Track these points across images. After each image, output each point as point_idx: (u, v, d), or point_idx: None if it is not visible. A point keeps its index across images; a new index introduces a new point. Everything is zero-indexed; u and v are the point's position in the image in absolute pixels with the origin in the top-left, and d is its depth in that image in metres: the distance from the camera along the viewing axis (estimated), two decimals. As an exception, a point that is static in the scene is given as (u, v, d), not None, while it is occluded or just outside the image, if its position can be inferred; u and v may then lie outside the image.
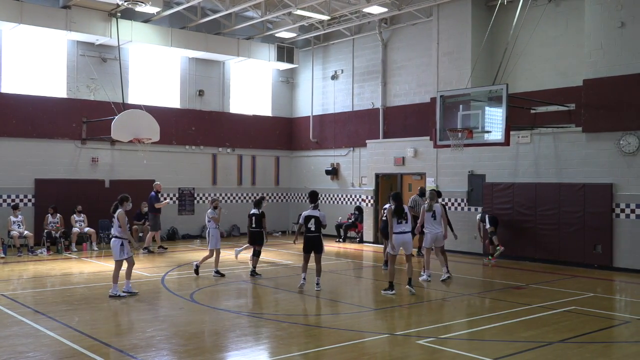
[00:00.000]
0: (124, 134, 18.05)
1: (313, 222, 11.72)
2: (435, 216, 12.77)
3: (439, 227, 12.80)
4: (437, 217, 12.79)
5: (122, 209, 11.12)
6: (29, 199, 18.94)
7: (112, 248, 11.25)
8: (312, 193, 12.16)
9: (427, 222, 12.79)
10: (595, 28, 15.24)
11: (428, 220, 12.78)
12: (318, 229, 11.77)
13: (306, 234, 11.80)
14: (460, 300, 11.52)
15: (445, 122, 15.40)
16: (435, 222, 12.77)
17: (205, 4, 20.57)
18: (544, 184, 16.15)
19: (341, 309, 10.73)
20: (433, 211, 12.75)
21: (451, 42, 18.68)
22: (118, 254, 11.13)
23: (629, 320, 9.81)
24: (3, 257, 16.32)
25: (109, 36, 19.29)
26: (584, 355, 7.65)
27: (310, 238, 11.79)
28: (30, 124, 18.94)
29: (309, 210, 11.90)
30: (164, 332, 8.73)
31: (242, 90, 24.09)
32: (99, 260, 16.42)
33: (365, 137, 21.85)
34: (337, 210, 22.97)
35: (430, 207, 12.76)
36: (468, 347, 8.10)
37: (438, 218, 12.80)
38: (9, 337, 8.26)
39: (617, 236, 14.86)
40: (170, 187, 21.70)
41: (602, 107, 15.05)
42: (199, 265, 13.65)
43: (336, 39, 23.36)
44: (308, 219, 11.79)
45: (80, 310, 10.02)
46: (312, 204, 11.96)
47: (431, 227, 12.79)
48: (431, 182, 18.83)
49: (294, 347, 7.98)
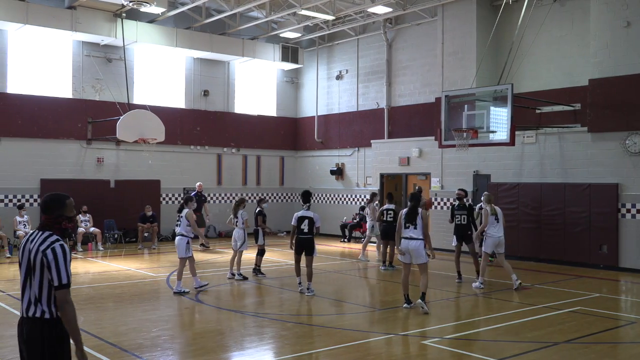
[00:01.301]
0: (129, 134, 18.10)
1: (306, 224, 11.35)
2: (498, 219, 12.07)
3: (501, 231, 12.11)
4: (500, 220, 12.11)
5: (188, 209, 11.57)
6: (34, 199, 19.00)
7: (178, 246, 11.54)
8: (305, 193, 11.77)
9: (489, 226, 12.05)
10: (601, 27, 15.20)
11: (491, 223, 12.02)
12: (311, 230, 11.38)
13: (299, 235, 11.40)
14: (465, 300, 11.51)
15: (450, 122, 15.38)
16: (497, 225, 12.05)
17: (210, 4, 20.60)
18: (549, 184, 16.10)
19: (346, 309, 10.72)
20: (495, 214, 12.07)
21: (456, 42, 18.66)
22: (184, 252, 11.47)
23: (634, 320, 9.77)
24: (9, 257, 16.39)
25: (114, 36, 19.34)
26: (590, 355, 7.63)
27: (303, 240, 11.38)
28: (36, 124, 19.00)
29: (302, 211, 11.54)
30: (169, 332, 8.75)
31: (247, 90, 24.12)
32: (104, 260, 16.47)
33: (370, 137, 21.84)
34: (342, 210, 22.98)
35: (494, 209, 12.09)
36: (473, 347, 8.09)
37: (501, 221, 12.12)
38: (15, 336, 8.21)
39: (623, 236, 14.81)
40: (176, 187, 21.75)
41: (607, 107, 15.00)
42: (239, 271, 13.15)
43: (341, 39, 23.36)
44: (301, 219, 11.41)
45: (86, 310, 10.04)
46: (305, 204, 11.62)
47: (493, 230, 12.04)
48: (436, 182, 18.82)
49: (299, 347, 7.98)
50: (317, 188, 24.22)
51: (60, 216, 4.38)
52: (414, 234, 9.89)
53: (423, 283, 10.01)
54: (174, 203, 21.57)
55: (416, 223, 9.89)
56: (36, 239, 4.28)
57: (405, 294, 10.19)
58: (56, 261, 4.14)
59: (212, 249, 18.62)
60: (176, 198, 21.65)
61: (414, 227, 9.89)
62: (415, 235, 9.88)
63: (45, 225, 4.33)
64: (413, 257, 9.97)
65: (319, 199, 24.12)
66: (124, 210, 19.76)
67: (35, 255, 4.20)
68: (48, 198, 4.45)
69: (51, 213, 4.36)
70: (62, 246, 4.21)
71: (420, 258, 9.94)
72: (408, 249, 9.94)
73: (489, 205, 12.13)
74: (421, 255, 9.91)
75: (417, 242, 9.89)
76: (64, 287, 4.14)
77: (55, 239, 4.25)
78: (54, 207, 4.38)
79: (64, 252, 4.18)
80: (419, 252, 9.89)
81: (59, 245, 4.20)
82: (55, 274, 4.13)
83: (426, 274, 10.06)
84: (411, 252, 9.93)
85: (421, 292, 9.96)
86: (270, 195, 23.90)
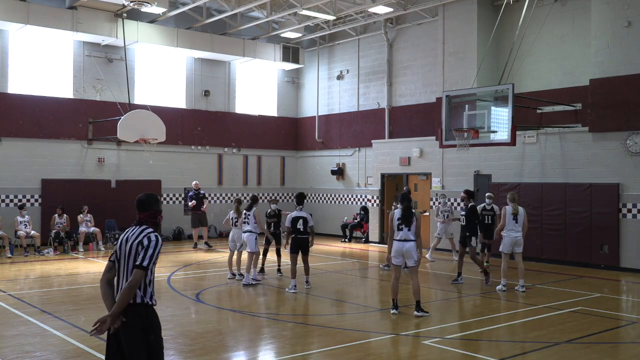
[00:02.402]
0: (130, 134, 18.10)
1: (301, 223, 11.81)
2: (517, 219, 11.94)
3: (518, 231, 11.97)
4: (520, 220, 11.96)
5: (256, 207, 12.58)
6: (35, 199, 19.00)
7: (248, 242, 12.43)
8: (299, 195, 12.40)
9: (507, 225, 11.93)
10: (602, 27, 15.19)
11: (509, 222, 11.91)
12: (306, 230, 11.85)
13: (296, 235, 11.84)
14: (466, 300, 11.50)
15: (451, 122, 15.37)
16: (516, 225, 11.93)
17: (211, 4, 20.61)
18: (550, 184, 16.09)
19: (347, 309, 10.72)
20: (516, 213, 11.91)
21: (457, 42, 18.65)
22: (254, 247, 12.40)
23: (635, 320, 9.76)
24: (10, 257, 16.39)
25: (115, 37, 19.34)
26: (591, 355, 7.62)
27: (299, 239, 11.84)
28: (37, 125, 19.01)
29: (296, 212, 11.99)
30: (170, 332, 8.74)
31: (248, 90, 24.12)
32: (105, 260, 16.46)
33: (371, 137, 21.84)
34: (342, 211, 22.98)
35: (516, 208, 11.98)
36: (474, 347, 8.09)
37: (520, 221, 11.96)
38: (16, 336, 8.29)
39: (624, 236, 14.80)
40: (176, 187, 21.76)
41: (608, 106, 14.99)
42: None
43: (342, 39, 23.35)
44: (296, 220, 11.85)
45: (87, 310, 10.05)
46: (299, 205, 12.13)
47: (511, 230, 11.93)
48: (437, 182, 18.82)
49: (299, 347, 7.98)
50: (318, 188, 24.22)
51: (156, 211, 4.93)
52: (410, 236, 9.69)
53: (415, 289, 9.81)
54: (174, 203, 21.60)
55: (411, 225, 9.71)
56: (134, 233, 4.80)
57: (394, 298, 9.93)
58: (149, 246, 4.67)
59: (214, 249, 18.63)
60: (177, 198, 21.68)
61: (408, 229, 9.68)
62: (411, 237, 9.70)
63: (143, 221, 4.87)
64: (406, 258, 9.76)
65: (320, 199, 24.12)
66: (125, 210, 19.73)
67: (132, 245, 4.71)
68: (144, 197, 4.96)
69: (148, 210, 4.89)
70: (157, 237, 4.76)
71: (412, 259, 9.73)
72: (402, 251, 9.71)
73: (512, 204, 11.98)
74: (413, 256, 9.71)
75: (412, 244, 9.71)
76: (143, 268, 4.60)
77: (152, 230, 4.80)
78: (152, 203, 4.92)
79: (157, 241, 4.71)
80: (413, 253, 9.69)
81: (154, 235, 4.75)
82: (142, 255, 4.63)
83: (416, 276, 9.88)
84: (405, 253, 9.72)
85: (416, 301, 9.77)
86: (271, 196, 23.88)
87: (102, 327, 4.49)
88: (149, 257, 4.62)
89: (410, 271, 9.99)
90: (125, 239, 4.79)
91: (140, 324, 4.60)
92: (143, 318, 4.63)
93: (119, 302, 4.55)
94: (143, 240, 4.69)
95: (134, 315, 4.59)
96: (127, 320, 4.56)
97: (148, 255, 4.62)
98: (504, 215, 11.96)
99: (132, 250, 4.69)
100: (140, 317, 4.61)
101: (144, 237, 4.71)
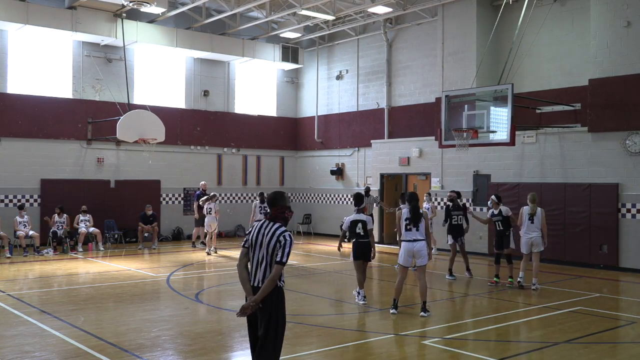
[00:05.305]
0: (129, 134, 18.10)
1: (361, 227, 10.54)
2: (533, 220, 11.90)
3: (534, 232, 11.93)
4: (536, 222, 11.91)
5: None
6: (34, 199, 18.99)
7: None
8: (357, 195, 11.00)
9: (523, 226, 11.99)
10: (601, 27, 15.20)
11: (525, 223, 11.95)
12: (367, 234, 10.59)
13: (357, 240, 10.61)
14: (466, 300, 11.50)
15: (451, 122, 15.38)
16: (532, 225, 11.91)
17: (210, 4, 20.60)
18: (549, 184, 16.10)
19: (346, 309, 10.72)
20: (532, 214, 11.88)
21: (456, 42, 18.66)
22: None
23: (635, 320, 9.76)
24: (9, 257, 16.38)
25: (114, 37, 19.33)
26: (590, 355, 7.63)
27: (361, 244, 10.58)
28: (36, 125, 19.00)
29: (354, 215, 10.74)
30: (170, 332, 8.74)
31: (247, 90, 24.11)
32: (104, 260, 16.46)
33: (370, 137, 21.84)
34: (342, 211, 22.95)
35: (534, 210, 11.92)
36: (474, 347, 8.09)
37: (536, 223, 11.91)
38: (15, 336, 8.29)
39: (623, 236, 14.81)
40: (176, 187, 21.76)
41: (608, 106, 15.00)
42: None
43: (341, 39, 23.36)
44: (355, 223, 10.60)
45: (86, 310, 10.05)
46: (357, 207, 10.82)
47: (527, 231, 11.97)
48: (436, 182, 18.82)
49: (299, 347, 7.97)
50: (317, 188, 24.23)
51: (283, 206, 5.56)
52: (418, 236, 9.69)
53: (422, 289, 9.77)
54: (174, 203, 21.60)
55: (419, 224, 9.71)
56: (270, 228, 5.49)
57: (396, 298, 9.88)
58: (286, 245, 5.40)
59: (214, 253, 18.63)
60: (176, 198, 21.67)
61: (416, 229, 9.68)
62: (420, 237, 9.69)
63: (274, 216, 5.55)
64: (416, 257, 9.73)
65: (319, 199, 24.12)
66: (124, 210, 19.77)
67: (270, 240, 5.43)
68: (274, 194, 5.63)
69: (275, 205, 5.55)
70: (290, 236, 5.47)
71: (424, 259, 9.72)
72: (413, 251, 9.70)
73: (531, 205, 11.96)
74: (424, 255, 9.70)
75: (422, 243, 9.70)
76: (283, 264, 5.37)
77: (285, 229, 5.50)
78: (280, 199, 5.57)
79: (291, 240, 5.45)
80: (423, 252, 9.68)
81: (288, 234, 5.47)
82: (281, 253, 5.38)
83: (424, 276, 9.87)
84: (415, 253, 9.69)
85: (422, 302, 9.75)
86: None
87: (246, 312, 5.29)
88: (287, 255, 5.37)
89: (418, 271, 9.93)
90: (259, 230, 5.52)
91: (269, 302, 5.37)
92: (273, 297, 5.39)
93: (262, 291, 5.30)
94: (280, 238, 5.40)
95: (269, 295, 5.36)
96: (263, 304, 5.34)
97: (286, 253, 5.37)
98: (521, 216, 12.13)
99: (269, 244, 5.41)
100: (270, 297, 5.37)
101: (281, 236, 5.42)
